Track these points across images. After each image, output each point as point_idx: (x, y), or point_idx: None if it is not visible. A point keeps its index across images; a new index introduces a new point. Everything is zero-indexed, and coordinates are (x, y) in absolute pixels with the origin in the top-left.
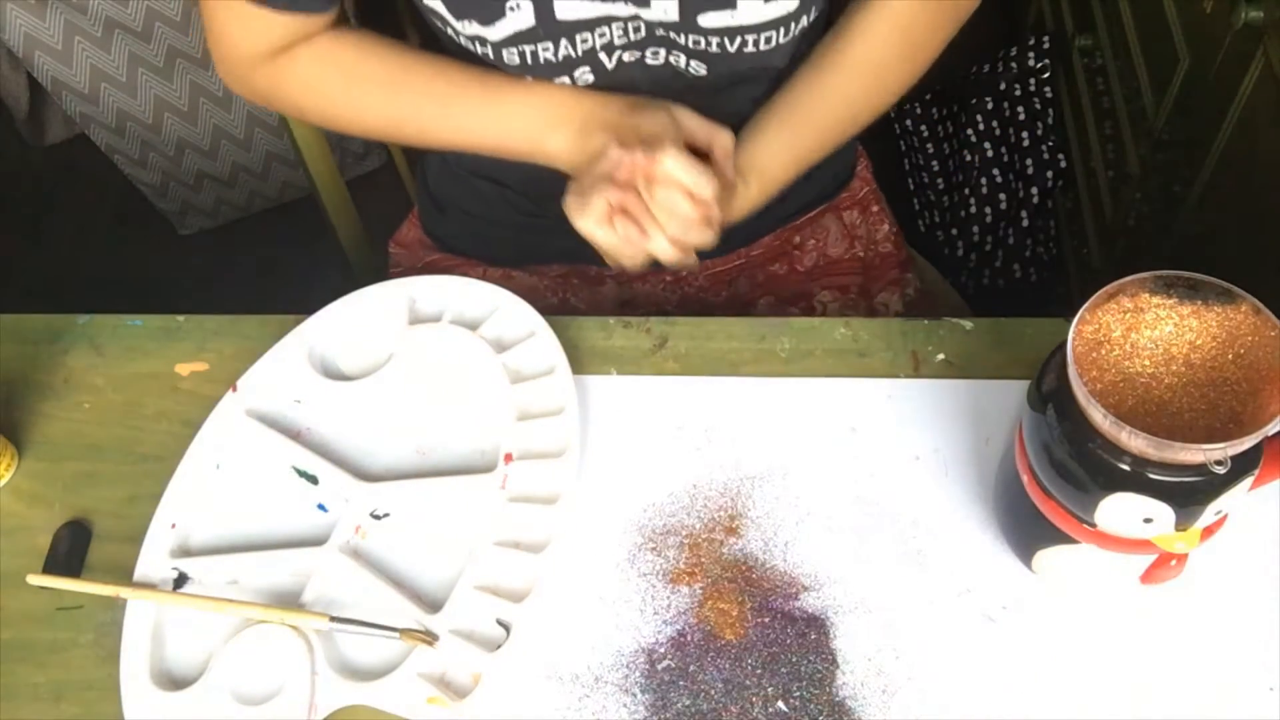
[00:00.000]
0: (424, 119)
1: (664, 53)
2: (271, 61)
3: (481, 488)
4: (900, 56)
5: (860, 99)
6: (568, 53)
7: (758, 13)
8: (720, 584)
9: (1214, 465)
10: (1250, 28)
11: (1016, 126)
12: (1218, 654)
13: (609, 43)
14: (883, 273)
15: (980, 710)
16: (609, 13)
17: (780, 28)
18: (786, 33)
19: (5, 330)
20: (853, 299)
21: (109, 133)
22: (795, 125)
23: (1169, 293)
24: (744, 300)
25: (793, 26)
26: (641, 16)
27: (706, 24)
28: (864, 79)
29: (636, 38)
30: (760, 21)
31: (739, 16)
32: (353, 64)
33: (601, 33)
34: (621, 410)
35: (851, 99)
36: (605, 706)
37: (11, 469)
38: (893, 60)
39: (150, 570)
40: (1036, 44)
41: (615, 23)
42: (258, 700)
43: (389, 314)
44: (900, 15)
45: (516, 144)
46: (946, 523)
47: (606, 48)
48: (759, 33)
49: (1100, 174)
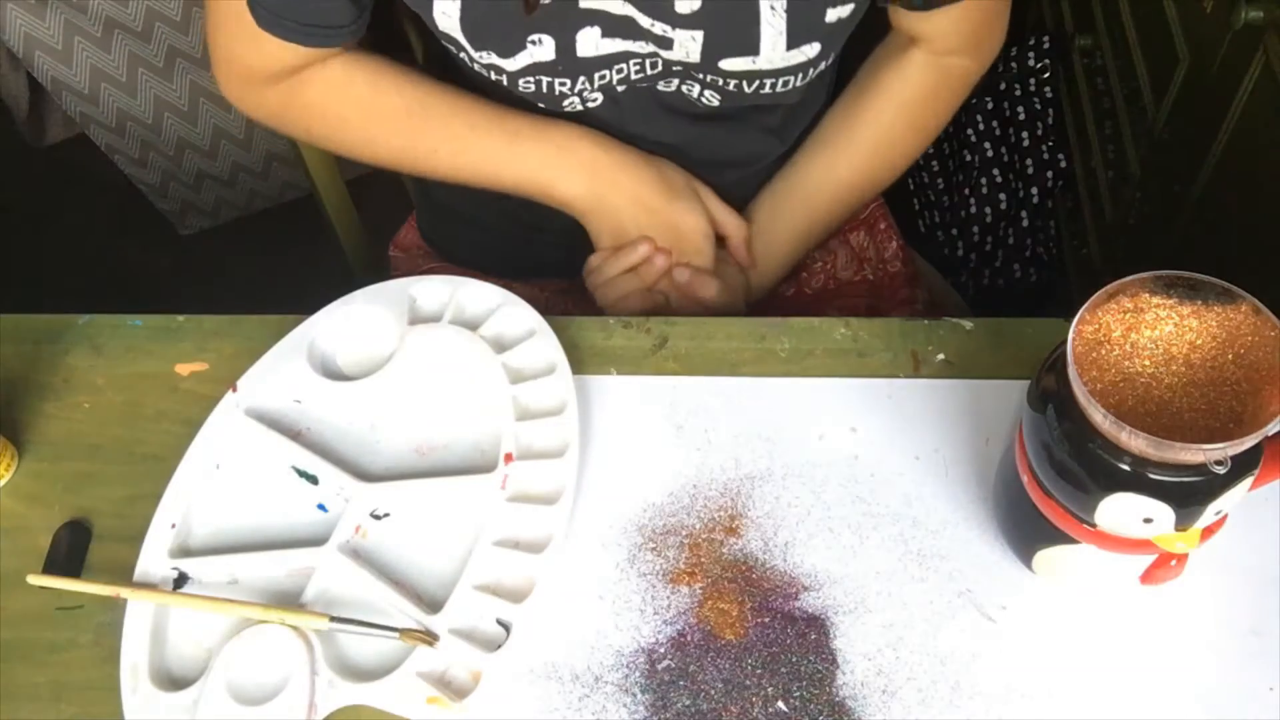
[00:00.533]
0: (438, 157)
1: (677, 82)
2: (281, 83)
3: (481, 488)
4: (908, 128)
5: (870, 176)
6: (584, 86)
7: (780, 59)
8: (720, 584)
9: (1214, 465)
10: (1250, 28)
11: (1016, 126)
12: (1218, 654)
13: (625, 77)
14: (892, 292)
15: (980, 710)
16: (629, 49)
17: (799, 73)
18: (804, 77)
19: (5, 330)
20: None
21: (109, 133)
22: (808, 208)
23: (1169, 293)
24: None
25: (810, 72)
26: (661, 55)
27: (727, 67)
28: (874, 157)
29: (653, 73)
30: (781, 67)
31: (760, 62)
32: (368, 95)
33: (619, 69)
34: (621, 410)
35: (861, 178)
36: (605, 706)
37: (11, 469)
38: (899, 137)
39: (150, 570)
40: (1036, 44)
41: (634, 59)
42: (258, 700)
43: (389, 314)
44: (906, 94)
45: (530, 188)
46: (946, 523)
47: (622, 81)
48: (777, 77)
49: (1100, 174)
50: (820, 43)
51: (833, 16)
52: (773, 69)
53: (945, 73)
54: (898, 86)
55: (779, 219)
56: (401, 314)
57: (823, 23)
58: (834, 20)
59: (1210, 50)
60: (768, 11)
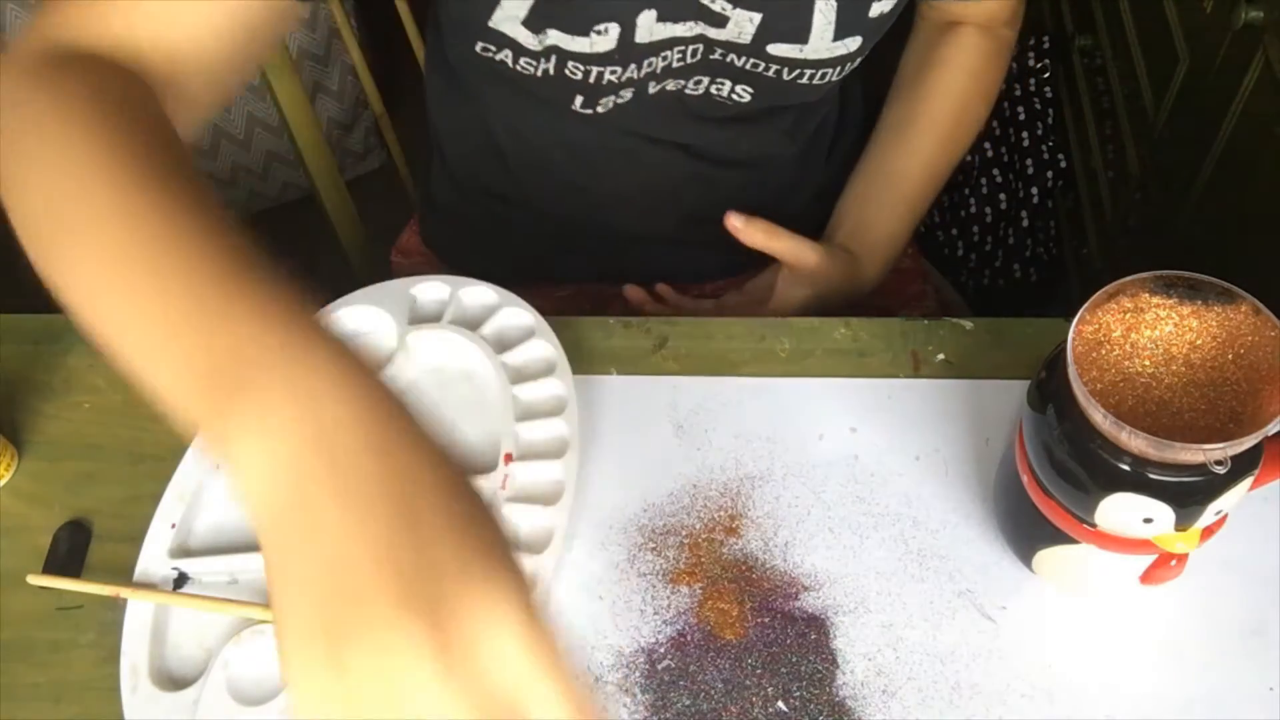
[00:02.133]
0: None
1: (707, 81)
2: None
3: (481, 488)
4: (978, 95)
5: (950, 149)
6: (633, 74)
7: (825, 49)
8: (720, 584)
9: (1214, 465)
10: (1250, 28)
11: (1016, 126)
12: (1218, 654)
13: (668, 66)
14: (902, 288)
15: (980, 710)
16: (676, 35)
17: (838, 66)
18: (840, 71)
19: (5, 330)
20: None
21: None
22: (898, 194)
23: (1169, 293)
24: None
25: (847, 66)
26: (708, 37)
27: (774, 52)
28: (955, 129)
29: (693, 61)
30: (824, 58)
31: (806, 51)
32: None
33: (665, 55)
34: (621, 410)
35: (942, 151)
36: (605, 706)
37: (11, 469)
38: (971, 104)
39: (150, 570)
40: (1036, 44)
41: (678, 46)
42: (258, 700)
43: (389, 314)
44: (972, 63)
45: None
46: (946, 523)
47: (665, 72)
48: (818, 69)
49: (1100, 174)
50: (862, 37)
51: (876, 11)
52: (816, 59)
53: (998, 39)
54: (961, 58)
55: (871, 211)
56: (401, 314)
57: (866, 17)
58: (876, 15)
59: (1210, 50)
60: (820, 3)
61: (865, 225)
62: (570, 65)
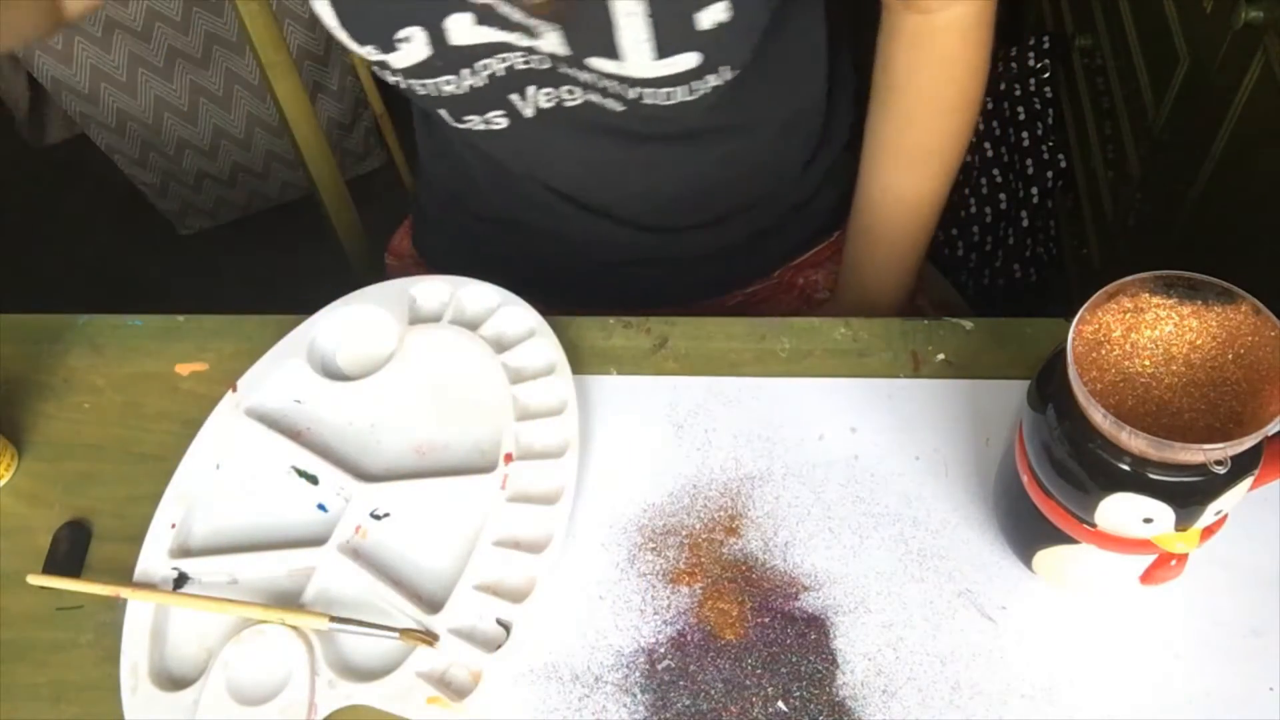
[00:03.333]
0: None
1: (580, 91)
2: None
3: (481, 488)
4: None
5: (934, 183)
6: (473, 83)
7: (646, 68)
8: (720, 584)
9: (1214, 465)
10: (1250, 28)
11: (1016, 126)
12: (1218, 654)
13: (511, 68)
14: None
15: (980, 710)
16: (505, 39)
17: (680, 85)
18: (691, 91)
19: (5, 330)
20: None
21: (109, 133)
22: (895, 231)
23: (1169, 293)
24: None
25: (697, 86)
26: (536, 49)
27: (597, 67)
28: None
29: (542, 67)
30: (657, 76)
31: (629, 68)
32: None
33: (503, 57)
34: (621, 410)
35: (926, 181)
36: (605, 706)
37: (11, 469)
38: (944, 112)
39: (150, 570)
40: (1036, 44)
41: (514, 51)
42: (258, 700)
43: (389, 314)
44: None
45: None
46: (946, 523)
47: (512, 80)
48: (655, 87)
49: (1100, 174)
50: (700, 53)
51: (707, 22)
52: (647, 78)
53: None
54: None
55: (866, 257)
56: (401, 314)
57: (695, 31)
58: (710, 27)
59: (1210, 50)
60: (623, 19)
61: (866, 288)
62: (415, 84)
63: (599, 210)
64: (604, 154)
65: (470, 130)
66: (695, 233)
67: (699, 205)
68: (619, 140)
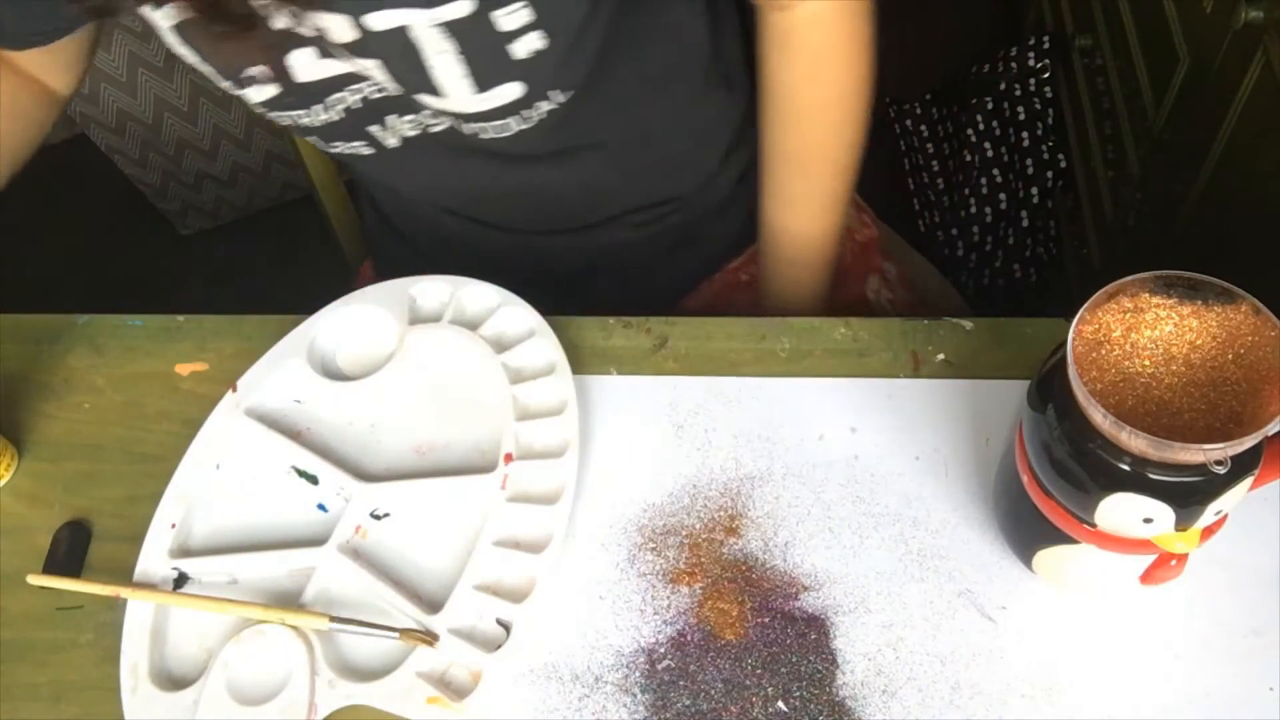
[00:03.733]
0: None
1: (449, 118)
2: None
3: (481, 488)
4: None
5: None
6: (328, 118)
7: (470, 103)
8: (720, 584)
9: (1214, 465)
10: (1250, 28)
11: (1016, 126)
12: (1218, 654)
13: (366, 99)
14: (865, 261)
15: (980, 710)
16: (352, 71)
17: (511, 115)
18: (524, 120)
19: (5, 330)
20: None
21: (109, 133)
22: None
23: (1169, 293)
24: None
25: (529, 114)
26: (380, 82)
27: (426, 103)
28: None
29: (397, 94)
30: (484, 110)
31: (451, 104)
32: None
33: (355, 89)
34: (621, 410)
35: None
36: (605, 706)
37: (11, 469)
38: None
39: (150, 570)
40: (1036, 44)
41: (367, 82)
42: (258, 700)
43: (389, 314)
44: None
45: None
46: (946, 523)
47: (370, 111)
48: (486, 121)
49: (1100, 174)
50: (522, 82)
51: (523, 52)
52: (474, 112)
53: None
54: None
55: (773, 279)
56: (401, 314)
57: (512, 61)
58: (528, 56)
59: (1210, 50)
60: (434, 58)
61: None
62: (274, 115)
63: (494, 224)
64: (479, 175)
65: (343, 155)
66: (601, 231)
67: (592, 207)
68: (490, 161)
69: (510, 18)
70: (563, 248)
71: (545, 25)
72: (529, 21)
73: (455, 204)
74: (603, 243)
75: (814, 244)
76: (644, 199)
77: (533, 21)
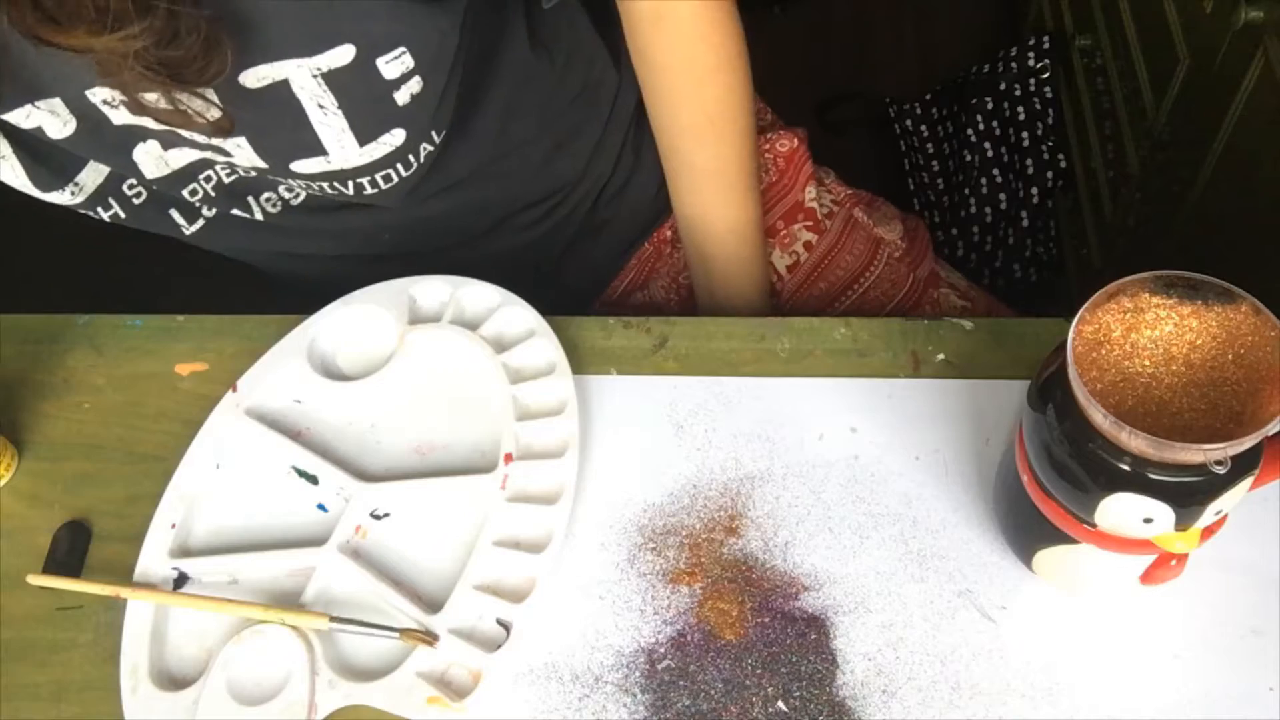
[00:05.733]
0: None
1: (302, 188)
2: None
3: (481, 488)
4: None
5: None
6: (183, 204)
7: (355, 157)
8: (720, 584)
9: (1214, 465)
10: (1250, 28)
11: (1016, 126)
12: (1218, 654)
13: (219, 184)
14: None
15: (980, 710)
16: (206, 157)
17: (396, 163)
18: (409, 165)
19: (5, 330)
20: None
21: None
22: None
23: (1169, 293)
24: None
25: (412, 159)
26: (235, 163)
27: (303, 170)
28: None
29: (249, 177)
30: (367, 163)
31: (334, 162)
32: None
33: (208, 176)
34: (621, 410)
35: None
36: (605, 706)
37: (11, 469)
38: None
39: (150, 570)
40: (1036, 44)
41: (220, 165)
42: (258, 700)
43: (389, 314)
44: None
45: None
46: (946, 523)
47: (220, 193)
48: (370, 174)
49: (1100, 174)
50: (403, 127)
51: (405, 97)
52: (358, 166)
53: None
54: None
55: (706, 291)
56: (401, 314)
57: (397, 108)
58: (408, 101)
59: (1210, 50)
60: (317, 113)
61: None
62: (97, 210)
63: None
64: (362, 222)
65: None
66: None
67: (474, 222)
68: (369, 211)
69: (393, 65)
70: (460, 263)
71: (421, 68)
72: (409, 68)
73: (335, 251)
74: (496, 251)
75: (734, 236)
76: (523, 201)
77: (412, 67)
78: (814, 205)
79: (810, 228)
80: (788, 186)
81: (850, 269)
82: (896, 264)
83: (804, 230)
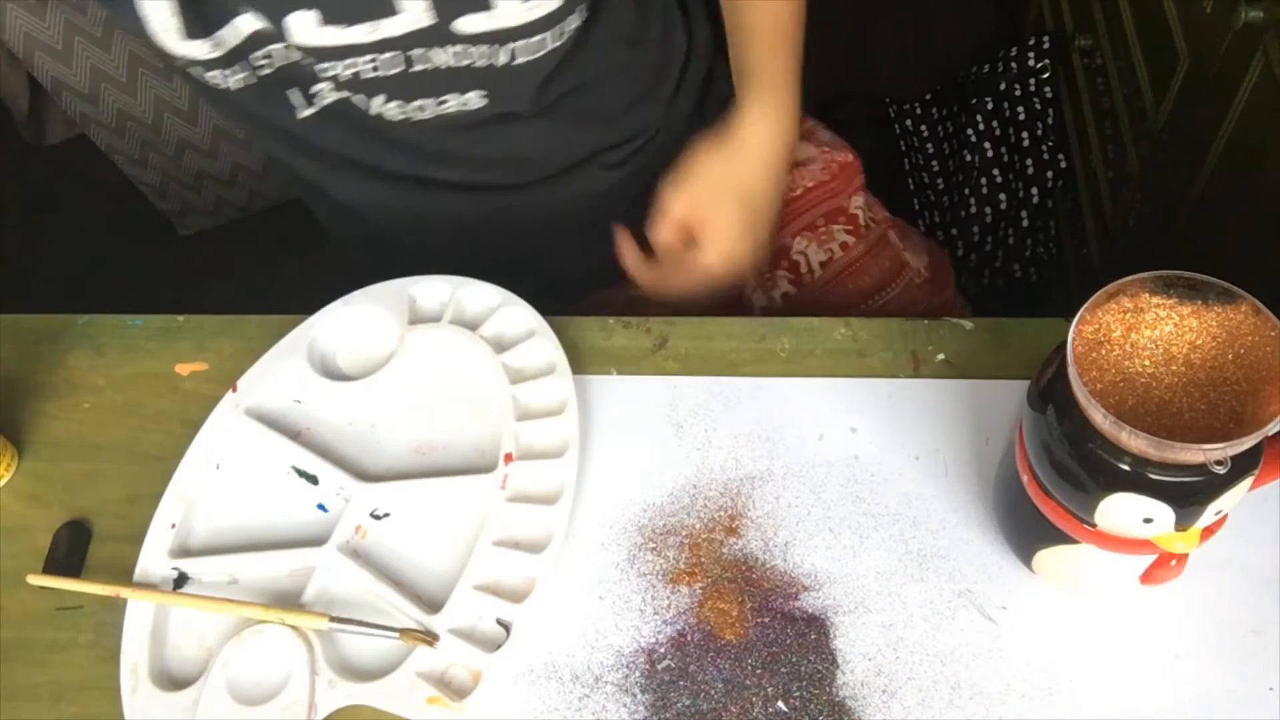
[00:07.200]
0: None
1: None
2: None
3: (481, 488)
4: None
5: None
6: (317, 87)
7: (517, 14)
8: (720, 584)
9: (1214, 465)
10: (1250, 28)
11: (1016, 126)
12: (1218, 654)
13: (356, 77)
14: (849, 180)
15: (980, 710)
16: (351, 42)
17: (548, 31)
18: (559, 35)
19: (5, 330)
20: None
21: (109, 133)
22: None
23: (1169, 293)
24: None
25: (562, 30)
26: (390, 39)
27: (467, 29)
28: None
29: (393, 73)
30: (525, 22)
31: (499, 18)
32: None
33: (350, 64)
34: (621, 410)
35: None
36: (605, 706)
37: (11, 469)
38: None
39: (150, 570)
40: (1036, 44)
41: (362, 54)
42: (258, 700)
43: (389, 314)
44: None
45: None
46: (946, 523)
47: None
48: (528, 36)
49: (1100, 174)
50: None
51: None
52: (517, 25)
53: None
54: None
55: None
56: (401, 314)
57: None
58: None
59: (1210, 50)
60: None
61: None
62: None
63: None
64: (459, 143)
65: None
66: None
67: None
68: (469, 133)
69: None
70: (529, 204)
71: None
72: None
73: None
74: (570, 194)
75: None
76: (610, 141)
77: None
78: (857, 213)
79: (850, 231)
80: (837, 190)
81: (875, 280)
82: (916, 290)
83: (843, 232)
